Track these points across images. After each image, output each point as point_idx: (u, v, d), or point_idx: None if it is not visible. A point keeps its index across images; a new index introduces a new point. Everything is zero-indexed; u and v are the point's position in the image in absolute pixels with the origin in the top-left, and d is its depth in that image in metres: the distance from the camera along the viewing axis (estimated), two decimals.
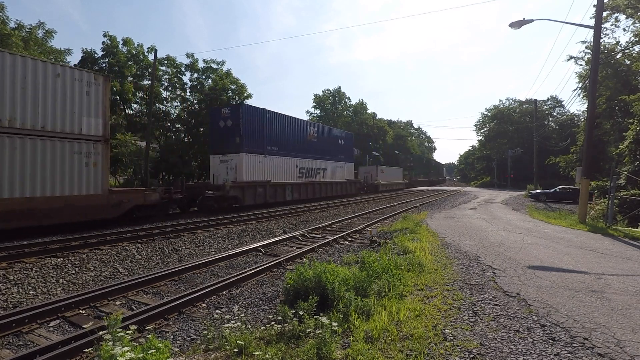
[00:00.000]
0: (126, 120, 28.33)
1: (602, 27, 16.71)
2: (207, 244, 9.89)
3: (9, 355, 3.77)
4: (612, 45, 24.98)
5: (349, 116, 63.03)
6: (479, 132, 62.06)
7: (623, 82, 23.91)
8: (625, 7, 21.97)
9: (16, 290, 5.98)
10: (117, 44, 27.08)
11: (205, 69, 31.66)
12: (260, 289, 6.05)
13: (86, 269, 7.29)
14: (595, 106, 17.59)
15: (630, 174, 16.20)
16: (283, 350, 3.34)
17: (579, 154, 27.16)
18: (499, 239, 9.63)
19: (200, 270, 7.25)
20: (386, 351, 3.43)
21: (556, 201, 26.97)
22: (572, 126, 43.58)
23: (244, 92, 32.56)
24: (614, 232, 11.19)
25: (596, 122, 24.20)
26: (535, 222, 13.80)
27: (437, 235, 10.22)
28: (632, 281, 5.79)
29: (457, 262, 7.02)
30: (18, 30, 21.26)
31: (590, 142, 14.30)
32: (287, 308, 4.01)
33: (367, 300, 4.43)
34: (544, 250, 8.17)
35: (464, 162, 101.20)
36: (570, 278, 5.91)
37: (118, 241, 9.57)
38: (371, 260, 5.69)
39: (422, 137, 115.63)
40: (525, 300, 4.84)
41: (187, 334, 4.35)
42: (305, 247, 9.30)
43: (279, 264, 7.50)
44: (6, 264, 7.22)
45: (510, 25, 14.44)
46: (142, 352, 2.78)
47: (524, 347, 3.51)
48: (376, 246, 9.14)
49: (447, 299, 4.89)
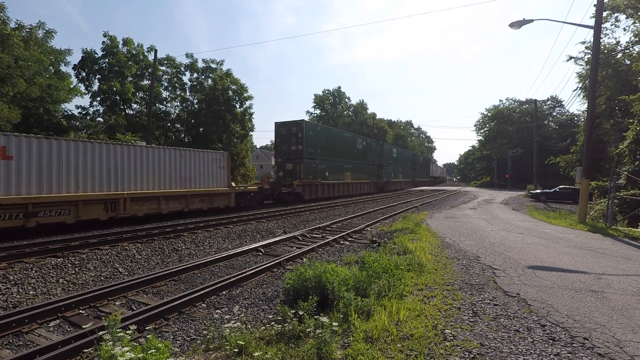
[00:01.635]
0: (126, 120, 28.34)
1: (602, 27, 16.72)
2: (207, 244, 9.89)
3: (9, 355, 3.77)
4: (612, 45, 24.98)
5: (349, 116, 63.06)
6: (479, 132, 62.07)
7: (623, 82, 23.89)
8: (625, 7, 21.96)
9: (16, 290, 5.98)
10: (117, 44, 27.10)
11: (205, 69, 31.68)
12: (260, 289, 6.05)
13: (86, 269, 7.29)
14: (595, 106, 17.59)
15: (630, 174, 16.20)
16: (283, 351, 3.34)
17: (579, 154, 27.15)
18: (499, 239, 9.63)
19: (200, 270, 7.25)
20: (386, 351, 3.43)
21: (556, 201, 26.97)
22: (572, 126, 43.55)
23: (244, 93, 32.57)
24: (614, 232, 11.19)
25: (596, 122, 24.18)
26: (535, 222, 13.80)
27: (437, 235, 10.22)
28: (632, 281, 5.79)
29: (457, 262, 7.02)
30: (18, 31, 21.27)
31: (590, 142, 14.30)
32: (287, 308, 4.01)
33: (367, 300, 4.43)
34: (544, 250, 8.17)
35: (464, 162, 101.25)
36: (570, 278, 5.91)
37: (118, 241, 9.57)
38: (371, 260, 5.69)
39: (422, 137, 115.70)
40: (525, 300, 4.84)
41: (187, 334, 4.35)
42: (305, 247, 9.30)
43: (279, 264, 7.50)
44: (6, 264, 7.22)
45: (510, 25, 14.44)
46: (142, 352, 2.78)
47: (524, 347, 3.51)
48: (376, 246, 9.14)
49: (447, 299, 4.89)
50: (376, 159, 36.65)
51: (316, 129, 25.07)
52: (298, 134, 23.16)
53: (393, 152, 43.15)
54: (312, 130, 24.29)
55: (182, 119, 30.78)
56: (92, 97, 26.91)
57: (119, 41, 27.05)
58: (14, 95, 20.47)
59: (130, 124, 28.15)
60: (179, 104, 31.46)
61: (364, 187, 33.29)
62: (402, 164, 47.29)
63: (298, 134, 23.16)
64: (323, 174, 25.29)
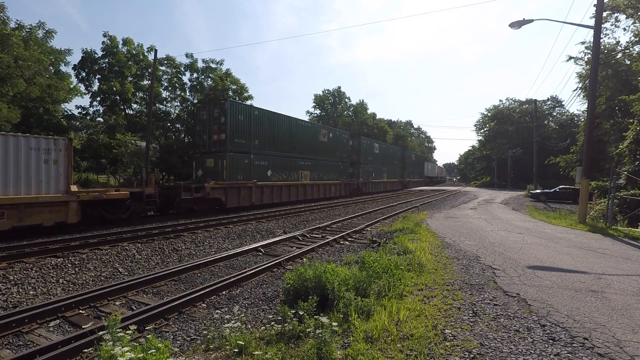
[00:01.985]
0: (126, 120, 28.35)
1: (602, 27, 16.71)
2: (207, 244, 9.89)
3: (9, 355, 3.77)
4: (612, 45, 24.97)
5: (349, 116, 63.06)
6: (479, 132, 62.07)
7: (623, 82, 23.88)
8: (625, 7, 21.96)
9: (16, 290, 5.98)
10: (117, 44, 27.09)
11: (205, 69, 31.68)
12: (260, 289, 6.05)
13: (86, 269, 7.28)
14: (595, 106, 17.58)
15: (630, 174, 16.19)
16: (283, 350, 3.34)
17: (579, 154, 27.12)
18: (499, 239, 9.62)
19: (200, 270, 7.25)
20: (386, 351, 3.43)
21: (556, 201, 26.96)
22: (572, 126, 43.54)
23: (244, 93, 32.57)
24: (614, 232, 11.18)
25: (596, 122, 24.17)
26: (535, 222, 13.80)
27: (437, 235, 10.22)
28: (632, 281, 5.79)
29: (457, 262, 7.01)
30: (18, 31, 21.27)
31: (590, 142, 14.30)
32: (287, 308, 4.01)
33: (367, 300, 4.43)
34: (544, 250, 8.17)
35: (464, 162, 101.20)
36: (570, 278, 5.91)
37: (118, 241, 9.57)
38: (371, 260, 5.69)
39: (422, 137, 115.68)
40: (525, 300, 4.84)
41: (187, 334, 4.35)
42: (305, 247, 9.30)
43: (279, 264, 7.50)
44: (6, 264, 7.22)
45: (510, 25, 14.44)
46: (142, 352, 2.78)
47: (524, 347, 3.51)
48: (376, 246, 9.14)
49: (447, 299, 4.89)
50: (351, 156, 31.28)
51: (250, 113, 18.77)
52: (221, 118, 17.27)
53: (374, 148, 36.48)
54: (243, 115, 18.21)
55: (182, 119, 30.77)
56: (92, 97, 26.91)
57: (119, 41, 27.03)
58: (13, 95, 20.46)
59: (130, 124, 28.14)
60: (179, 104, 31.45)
61: (331, 190, 27.25)
62: (388, 161, 40.75)
63: (221, 118, 17.27)
64: (262, 173, 19.61)
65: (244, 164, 18.12)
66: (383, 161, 38.88)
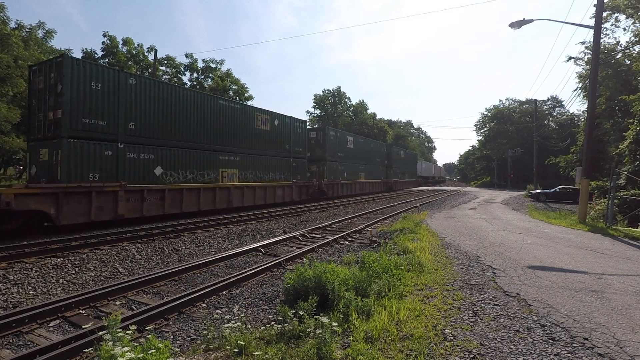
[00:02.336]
0: None
1: (602, 27, 16.71)
2: (207, 244, 9.89)
3: (9, 355, 3.77)
4: (612, 45, 25.00)
5: (349, 116, 63.06)
6: (479, 132, 62.11)
7: (623, 82, 23.90)
8: (625, 7, 21.98)
9: (16, 290, 5.98)
10: (117, 44, 27.12)
11: (205, 69, 31.69)
12: (260, 289, 6.05)
13: (86, 269, 7.28)
14: (595, 106, 17.59)
15: (630, 174, 16.19)
16: (283, 351, 3.34)
17: (579, 154, 27.13)
18: (499, 239, 9.63)
19: (200, 270, 7.25)
20: (386, 351, 3.43)
21: (556, 201, 26.98)
22: (572, 126, 43.58)
23: (245, 93, 32.58)
24: (614, 232, 11.19)
25: (596, 122, 24.19)
26: (535, 222, 13.80)
27: (437, 235, 10.22)
28: (632, 281, 5.79)
29: (457, 262, 7.02)
30: (18, 31, 21.28)
31: (590, 142, 14.31)
32: (287, 308, 4.01)
33: (367, 300, 4.43)
34: (544, 250, 8.17)
35: (464, 162, 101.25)
36: (570, 278, 5.91)
37: (118, 241, 9.57)
38: (371, 260, 5.69)
39: (422, 137, 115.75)
40: (525, 300, 4.84)
41: (187, 334, 4.35)
42: (305, 247, 9.30)
43: (279, 264, 7.50)
44: (6, 264, 7.22)
45: (510, 25, 14.45)
46: (142, 352, 2.78)
47: (524, 347, 3.51)
48: (376, 246, 9.14)
49: (447, 299, 4.89)
50: (314, 150, 25.82)
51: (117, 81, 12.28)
52: (57, 86, 11.13)
53: (347, 142, 29.73)
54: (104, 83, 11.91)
55: None
56: None
57: (118, 41, 27.08)
58: (13, 95, 20.48)
59: None
60: None
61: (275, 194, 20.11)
62: (367, 159, 34.22)
63: (57, 86, 11.13)
64: (144, 172, 13.23)
65: (103, 157, 11.88)
66: (360, 158, 32.34)
